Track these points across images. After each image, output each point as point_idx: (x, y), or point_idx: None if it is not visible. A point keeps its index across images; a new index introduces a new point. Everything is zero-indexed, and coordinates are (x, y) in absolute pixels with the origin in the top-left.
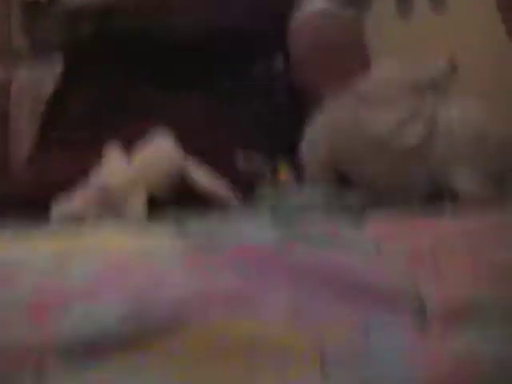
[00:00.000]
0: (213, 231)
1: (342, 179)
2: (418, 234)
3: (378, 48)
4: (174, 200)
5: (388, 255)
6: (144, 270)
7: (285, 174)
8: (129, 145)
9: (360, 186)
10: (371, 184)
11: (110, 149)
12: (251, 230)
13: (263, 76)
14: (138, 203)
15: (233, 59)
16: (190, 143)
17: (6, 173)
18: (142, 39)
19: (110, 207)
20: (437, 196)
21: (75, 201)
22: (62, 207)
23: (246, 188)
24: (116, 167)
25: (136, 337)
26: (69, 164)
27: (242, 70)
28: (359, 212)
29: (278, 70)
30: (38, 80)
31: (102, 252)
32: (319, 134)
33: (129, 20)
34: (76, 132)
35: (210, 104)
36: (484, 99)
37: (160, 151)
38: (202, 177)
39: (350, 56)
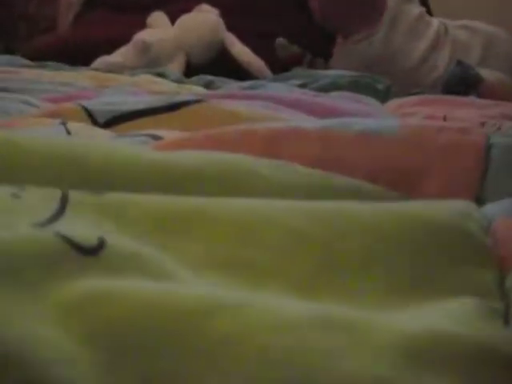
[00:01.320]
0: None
1: None
2: (434, 106)
3: None
4: (211, 66)
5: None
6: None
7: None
8: (175, 17)
9: None
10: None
11: (155, 14)
12: (278, 88)
13: None
14: (176, 64)
15: None
16: (233, 21)
17: (53, 32)
18: None
19: (148, 61)
20: (461, 84)
21: (116, 54)
22: (102, 58)
23: (282, 69)
24: (159, 27)
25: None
26: (113, 25)
27: None
28: (384, 93)
29: None
30: None
31: (136, 86)
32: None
33: None
34: None
35: None
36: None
37: (204, 19)
38: (241, 49)
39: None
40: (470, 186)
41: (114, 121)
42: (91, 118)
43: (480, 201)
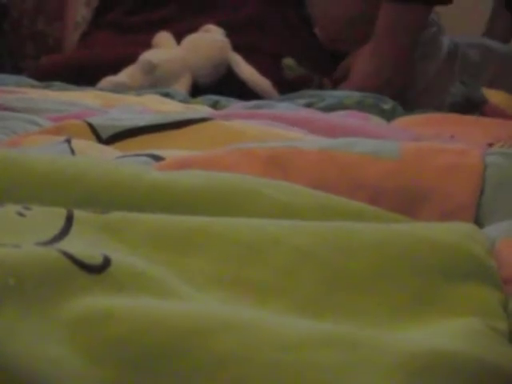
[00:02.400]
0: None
1: None
2: (440, 125)
3: None
4: (217, 86)
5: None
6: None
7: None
8: (180, 37)
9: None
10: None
11: (160, 34)
12: (284, 107)
13: None
14: (182, 84)
15: None
16: (239, 41)
17: (59, 51)
18: None
19: (154, 81)
20: (466, 105)
21: (122, 74)
22: (108, 78)
23: (289, 90)
24: (165, 47)
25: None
26: (119, 45)
27: None
28: (390, 113)
29: None
30: None
31: (142, 105)
32: None
33: None
34: (131, 17)
35: (264, 5)
36: None
37: (210, 39)
38: (247, 70)
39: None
40: (468, 207)
41: (117, 136)
42: (95, 133)
43: (478, 221)
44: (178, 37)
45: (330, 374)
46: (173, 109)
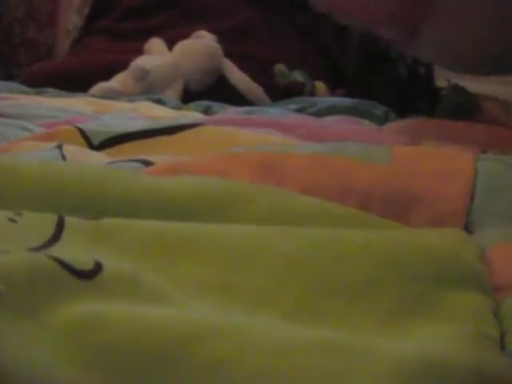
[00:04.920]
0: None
1: None
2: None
3: None
4: (209, 92)
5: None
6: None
7: (322, 91)
8: (172, 44)
9: None
10: None
11: (152, 41)
12: (275, 113)
13: None
14: (174, 90)
15: None
16: (231, 47)
17: (51, 58)
18: None
19: (146, 88)
20: (457, 111)
21: (114, 80)
22: (100, 85)
23: (282, 96)
24: (156, 53)
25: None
26: (111, 51)
27: None
28: (382, 119)
29: None
30: None
31: (135, 112)
32: None
33: None
34: (122, 24)
35: (256, 12)
36: None
37: (202, 45)
38: (239, 76)
39: None
40: (458, 213)
41: (109, 142)
42: (87, 140)
43: (469, 227)
44: (170, 44)
45: (322, 380)
46: (165, 115)
